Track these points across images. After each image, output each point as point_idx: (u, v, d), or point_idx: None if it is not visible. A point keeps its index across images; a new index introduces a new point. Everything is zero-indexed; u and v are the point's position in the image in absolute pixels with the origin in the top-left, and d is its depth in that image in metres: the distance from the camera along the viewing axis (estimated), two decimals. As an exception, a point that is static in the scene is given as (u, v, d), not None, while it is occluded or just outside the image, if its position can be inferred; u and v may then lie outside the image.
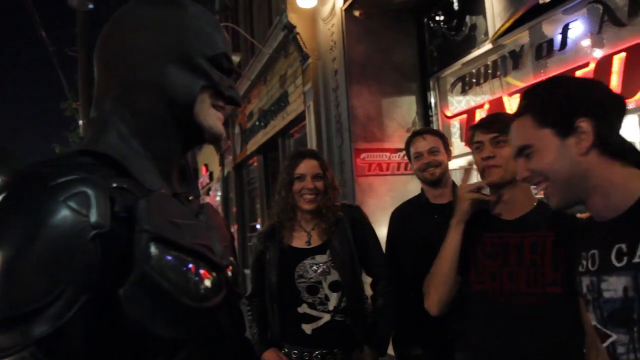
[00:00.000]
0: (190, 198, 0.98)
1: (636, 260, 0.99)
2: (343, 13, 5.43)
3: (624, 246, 1.02)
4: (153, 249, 0.74)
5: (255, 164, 9.89)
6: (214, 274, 0.86)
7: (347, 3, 5.33)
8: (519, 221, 1.65)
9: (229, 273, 0.96)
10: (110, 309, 0.71)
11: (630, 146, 1.12)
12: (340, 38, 5.49)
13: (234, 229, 10.99)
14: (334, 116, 5.71)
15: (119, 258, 0.72)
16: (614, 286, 1.04)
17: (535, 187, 1.26)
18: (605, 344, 1.08)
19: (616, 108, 1.13)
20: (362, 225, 2.34)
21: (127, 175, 0.82)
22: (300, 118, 6.83)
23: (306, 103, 6.52)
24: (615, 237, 1.05)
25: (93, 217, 0.71)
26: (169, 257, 0.76)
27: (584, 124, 1.07)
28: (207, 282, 0.83)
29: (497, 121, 1.72)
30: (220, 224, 1.05)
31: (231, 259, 1.01)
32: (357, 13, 5.38)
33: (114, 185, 0.77)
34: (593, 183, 1.08)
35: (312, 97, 6.24)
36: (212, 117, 0.95)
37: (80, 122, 12.37)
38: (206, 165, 15.33)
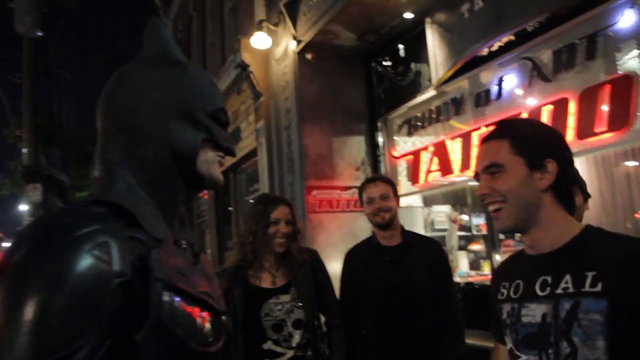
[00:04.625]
0: (184, 246, 1.04)
1: (559, 291, 1.15)
2: (295, 55, 5.65)
3: (549, 278, 1.18)
4: (166, 297, 0.79)
5: (205, 196, 9.87)
6: (215, 320, 0.92)
7: (300, 46, 5.56)
8: None
9: (224, 319, 1.02)
10: (125, 353, 0.74)
11: (573, 200, 1.28)
12: (293, 79, 5.70)
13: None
14: (285, 153, 5.86)
15: (135, 304, 0.76)
16: (533, 312, 1.19)
17: (486, 206, 1.29)
18: None
19: (572, 163, 1.30)
20: (320, 269, 2.55)
21: (135, 224, 0.85)
22: (252, 154, 6.94)
23: (258, 140, 6.64)
24: (542, 270, 1.21)
25: (116, 266, 0.76)
26: (179, 304, 0.81)
27: (551, 165, 1.22)
28: (210, 328, 0.89)
29: None
30: (212, 272, 1.09)
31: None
32: (309, 56, 5.61)
33: (127, 236, 0.82)
34: (541, 217, 1.22)
35: (265, 134, 6.37)
36: (213, 167, 1.02)
37: (25, 150, 11.99)
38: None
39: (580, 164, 4.02)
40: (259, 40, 5.87)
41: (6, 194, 14.20)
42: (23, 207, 14.22)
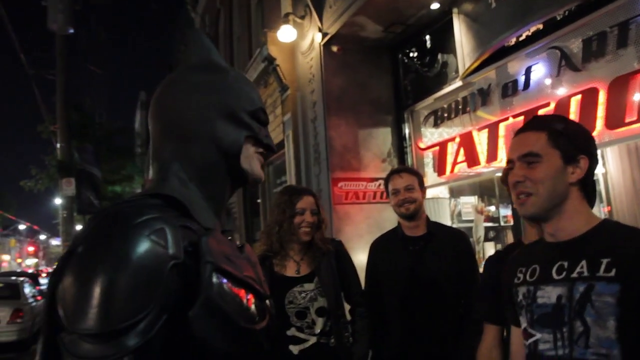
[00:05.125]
0: (230, 238, 1.14)
1: (574, 275, 1.24)
2: (321, 48, 5.68)
3: (565, 263, 1.27)
4: (214, 278, 0.87)
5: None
6: (259, 302, 1.01)
7: (326, 39, 5.58)
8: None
9: (268, 303, 1.09)
10: (177, 327, 0.83)
11: (595, 195, 1.38)
12: (319, 71, 5.73)
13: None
14: (312, 146, 5.91)
15: (187, 285, 0.85)
16: (549, 294, 1.28)
17: (516, 192, 1.34)
18: (528, 342, 1.32)
19: (597, 161, 1.37)
20: (345, 258, 2.60)
21: (187, 214, 0.95)
22: (279, 147, 7.00)
23: (285, 132, 6.71)
24: (559, 256, 1.30)
25: (171, 250, 0.84)
26: (226, 285, 0.90)
27: (584, 161, 1.31)
28: (254, 309, 0.98)
29: None
30: (257, 260, 1.18)
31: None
32: (335, 48, 5.63)
33: (180, 224, 0.91)
34: (566, 208, 1.31)
35: (291, 127, 6.43)
36: (254, 162, 1.11)
37: (58, 145, 12.32)
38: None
39: (612, 154, 3.96)
40: (285, 33, 5.91)
41: (42, 188, 14.62)
42: (58, 201, 14.63)
